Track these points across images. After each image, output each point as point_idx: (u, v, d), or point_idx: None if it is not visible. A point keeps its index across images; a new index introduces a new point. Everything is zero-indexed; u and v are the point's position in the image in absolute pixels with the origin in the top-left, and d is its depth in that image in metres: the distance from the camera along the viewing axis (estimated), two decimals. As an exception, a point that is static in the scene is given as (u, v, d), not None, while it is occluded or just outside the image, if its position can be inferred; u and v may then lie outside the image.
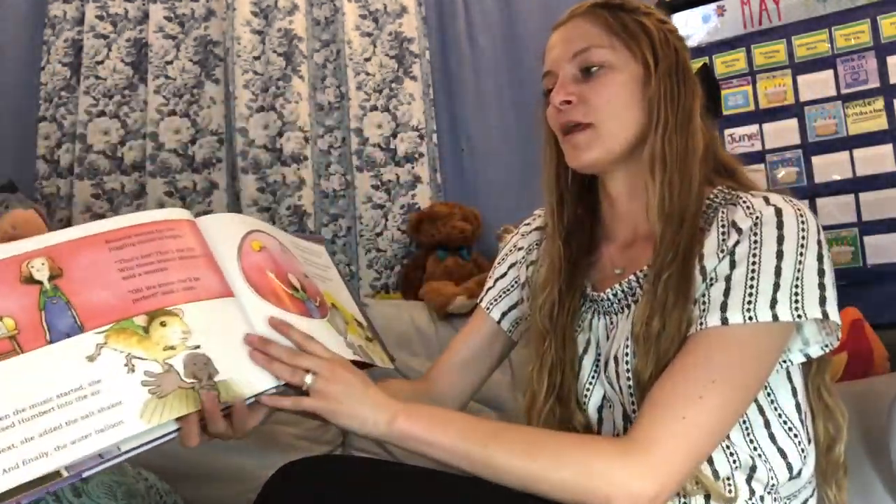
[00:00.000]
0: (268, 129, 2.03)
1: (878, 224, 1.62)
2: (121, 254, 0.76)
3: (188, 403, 0.71)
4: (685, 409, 0.72)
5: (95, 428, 0.67)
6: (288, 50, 2.04)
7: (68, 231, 0.77)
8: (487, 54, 2.06)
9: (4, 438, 0.64)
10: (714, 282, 0.78)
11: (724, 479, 0.80)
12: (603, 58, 0.88)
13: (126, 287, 0.74)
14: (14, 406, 0.65)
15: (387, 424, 0.77)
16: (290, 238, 0.95)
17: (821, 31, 1.70)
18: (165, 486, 1.36)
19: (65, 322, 0.71)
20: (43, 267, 0.73)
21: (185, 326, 0.74)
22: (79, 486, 1.15)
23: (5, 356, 0.67)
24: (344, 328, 0.89)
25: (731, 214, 0.81)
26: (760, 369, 0.77)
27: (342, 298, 0.96)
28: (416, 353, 1.58)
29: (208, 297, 0.78)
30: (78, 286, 0.73)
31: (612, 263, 0.92)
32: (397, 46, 2.08)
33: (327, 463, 0.82)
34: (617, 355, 0.84)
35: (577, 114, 0.87)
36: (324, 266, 0.98)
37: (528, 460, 0.73)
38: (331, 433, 1.56)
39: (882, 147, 1.63)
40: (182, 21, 2.09)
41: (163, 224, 0.80)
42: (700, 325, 0.76)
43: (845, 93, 1.67)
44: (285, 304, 0.83)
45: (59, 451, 0.65)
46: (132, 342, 0.72)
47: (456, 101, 2.09)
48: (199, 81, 2.08)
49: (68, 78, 2.06)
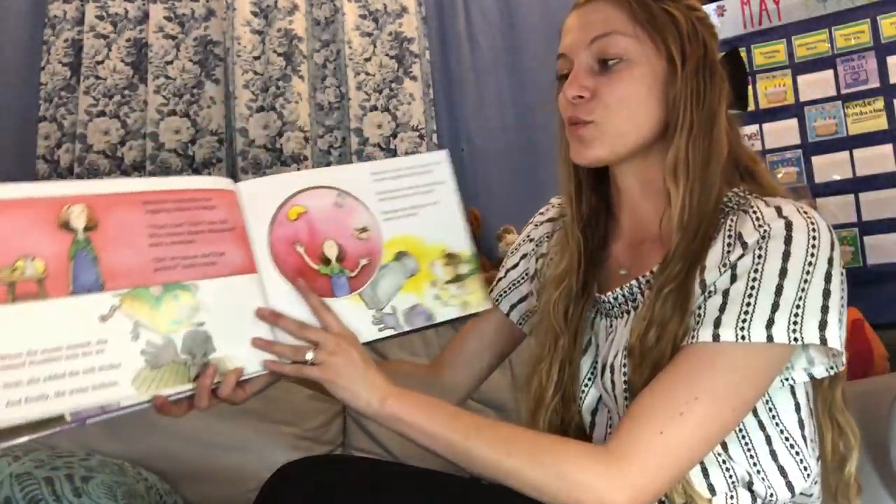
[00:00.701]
0: (268, 129, 2.03)
1: (878, 224, 1.62)
2: (155, 218, 0.78)
3: (178, 378, 0.74)
4: (663, 425, 0.70)
5: (93, 384, 0.70)
6: (288, 50, 2.04)
7: (110, 183, 0.79)
8: (487, 54, 2.06)
9: (13, 374, 0.67)
10: (712, 294, 0.75)
11: (726, 495, 0.78)
12: (623, 48, 0.81)
13: (151, 254, 0.76)
14: (27, 347, 0.68)
15: (378, 404, 0.78)
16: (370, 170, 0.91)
17: (821, 31, 1.70)
18: (165, 486, 1.36)
19: (89, 277, 0.73)
20: (81, 215, 0.74)
21: (194, 302, 0.77)
22: (79, 486, 1.15)
23: (29, 298, 0.69)
24: (397, 285, 0.87)
25: (739, 225, 0.76)
26: (749, 390, 0.74)
27: (430, 231, 0.91)
28: (417, 353, 1.58)
29: (228, 274, 0.80)
30: (108, 243, 0.74)
31: (618, 263, 0.89)
32: (397, 46, 2.08)
33: (327, 463, 0.82)
34: (614, 364, 0.82)
35: (584, 110, 0.82)
36: (425, 188, 0.93)
37: (504, 456, 0.74)
38: (331, 433, 1.57)
39: (882, 147, 1.63)
40: (182, 21, 2.09)
41: (200, 193, 0.81)
42: (691, 339, 0.74)
43: (845, 93, 1.67)
44: (305, 282, 0.84)
45: (57, 398, 0.68)
46: (143, 310, 0.74)
47: (456, 101, 2.09)
48: (199, 81, 2.08)
49: (68, 78, 2.06)
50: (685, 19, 0.82)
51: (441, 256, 0.91)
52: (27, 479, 1.12)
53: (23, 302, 0.69)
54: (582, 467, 0.71)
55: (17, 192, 0.72)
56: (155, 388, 0.73)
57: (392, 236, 0.89)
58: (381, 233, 0.88)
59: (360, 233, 0.88)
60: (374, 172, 0.91)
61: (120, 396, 0.71)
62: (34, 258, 0.71)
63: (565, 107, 0.85)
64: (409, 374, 1.02)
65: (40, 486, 1.12)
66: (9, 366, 0.67)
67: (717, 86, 0.82)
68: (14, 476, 1.12)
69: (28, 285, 0.70)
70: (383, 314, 0.86)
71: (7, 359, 0.67)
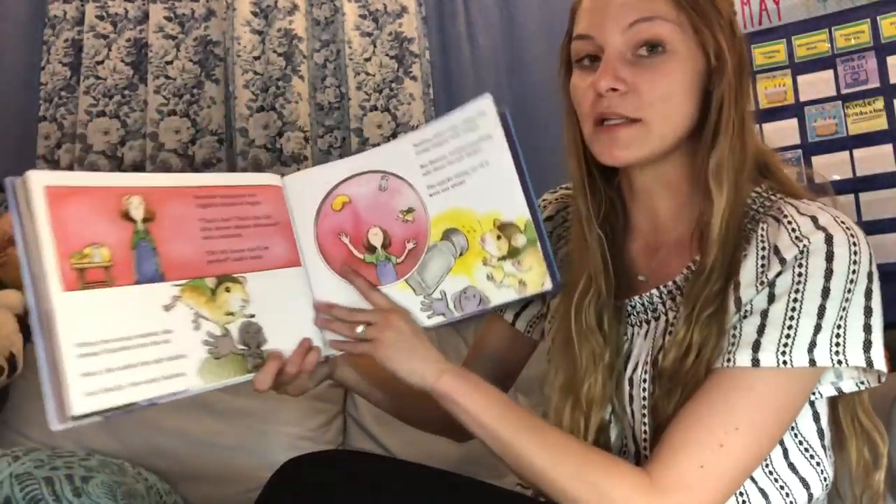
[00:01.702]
0: (268, 129, 2.03)
1: (878, 224, 1.61)
2: (205, 213, 0.79)
3: (238, 369, 0.76)
4: (704, 458, 0.68)
5: (163, 374, 0.71)
6: (288, 50, 2.04)
7: (164, 176, 0.81)
8: (487, 54, 2.05)
9: (90, 363, 0.67)
10: (748, 314, 0.70)
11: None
12: (668, 36, 0.73)
13: (204, 247, 0.78)
14: (102, 335, 0.68)
15: (433, 378, 0.78)
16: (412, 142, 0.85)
17: (821, 31, 1.70)
18: (165, 486, 1.36)
19: (150, 267, 0.74)
20: (140, 206, 0.75)
21: (245, 295, 0.79)
22: (79, 486, 1.15)
23: (98, 286, 0.70)
24: (446, 267, 0.83)
25: (773, 235, 0.71)
26: (787, 415, 0.71)
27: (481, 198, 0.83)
28: (417, 353, 1.58)
29: (273, 267, 0.82)
30: (165, 234, 0.76)
31: (636, 267, 0.84)
32: (397, 46, 2.08)
33: (331, 458, 0.82)
34: (633, 378, 0.78)
35: (627, 106, 0.74)
36: (471, 148, 0.83)
37: (550, 464, 0.72)
38: (331, 433, 1.57)
39: (882, 147, 1.62)
40: (182, 21, 2.09)
41: (246, 189, 0.83)
42: (727, 362, 0.69)
43: (845, 93, 1.67)
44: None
45: (132, 388, 0.69)
46: (201, 301, 0.76)
47: (456, 101, 2.08)
48: (199, 81, 2.08)
49: (68, 78, 2.06)
50: (728, 14, 0.76)
51: (493, 227, 0.82)
52: (27, 479, 1.13)
53: (92, 289, 0.69)
54: (626, 496, 0.69)
55: (79, 179, 0.73)
56: (218, 379, 0.75)
57: (439, 212, 0.83)
58: (427, 211, 0.84)
59: (406, 214, 0.85)
60: (417, 143, 0.85)
61: (188, 386, 0.73)
62: (101, 245, 0.71)
63: (592, 101, 0.76)
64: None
65: (40, 486, 1.12)
66: (86, 354, 0.67)
67: (748, 84, 0.77)
68: (14, 476, 1.12)
69: (96, 272, 0.70)
70: (432, 300, 0.84)
71: (84, 346, 0.67)
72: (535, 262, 0.81)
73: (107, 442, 1.44)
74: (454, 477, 0.79)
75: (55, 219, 0.68)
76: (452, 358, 1.59)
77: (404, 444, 1.49)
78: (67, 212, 0.70)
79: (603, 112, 0.75)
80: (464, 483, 0.79)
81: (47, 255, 0.67)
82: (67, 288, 0.67)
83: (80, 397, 0.65)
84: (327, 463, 0.78)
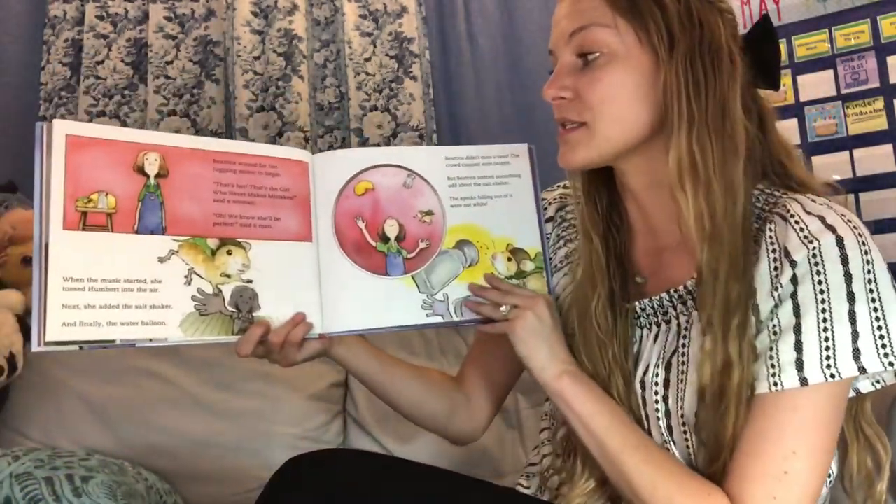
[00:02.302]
0: (268, 129, 2.03)
1: (878, 224, 1.61)
2: (221, 177, 0.83)
3: (223, 329, 0.79)
4: (774, 489, 0.68)
5: (143, 319, 0.75)
6: (288, 50, 2.04)
7: (187, 138, 0.84)
8: (487, 54, 2.05)
9: (71, 297, 0.72)
10: (778, 332, 0.70)
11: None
12: (602, 41, 0.74)
13: (213, 209, 0.81)
14: (88, 274, 0.74)
15: (551, 376, 0.79)
16: (445, 154, 0.90)
17: (821, 31, 1.70)
18: (165, 486, 1.36)
19: (153, 220, 0.78)
20: (155, 163, 0.80)
21: (246, 260, 0.82)
22: (79, 485, 1.15)
23: (97, 229, 0.75)
24: (453, 273, 0.87)
25: (781, 236, 0.71)
26: (836, 424, 0.71)
27: (498, 223, 0.89)
28: (416, 352, 1.58)
29: (281, 239, 0.84)
30: (175, 192, 0.80)
31: (637, 269, 0.84)
32: (397, 46, 2.08)
33: (332, 457, 0.82)
34: (644, 380, 0.78)
35: (572, 111, 0.77)
36: (499, 179, 0.91)
37: (648, 484, 0.73)
38: (331, 433, 1.56)
39: (882, 147, 1.62)
40: (182, 21, 2.09)
41: (268, 160, 0.86)
42: (774, 386, 0.69)
43: (845, 93, 1.67)
44: (361, 258, 0.86)
45: (109, 327, 0.73)
46: (198, 259, 0.79)
47: (456, 101, 2.08)
48: (199, 81, 2.08)
49: (68, 78, 2.06)
50: (673, 1, 0.74)
51: (505, 250, 0.89)
52: (27, 479, 1.12)
53: (91, 231, 0.75)
54: None
55: (102, 132, 0.78)
56: (199, 334, 0.77)
57: (456, 223, 0.89)
58: (445, 218, 0.88)
59: (424, 215, 0.88)
60: (449, 157, 0.91)
61: (167, 335, 0.76)
62: (107, 194, 0.76)
63: (553, 107, 0.81)
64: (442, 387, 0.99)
65: (40, 486, 1.12)
66: (69, 288, 0.72)
67: (725, 71, 0.73)
68: (14, 476, 1.12)
69: (98, 217, 0.76)
70: (434, 300, 0.86)
71: (69, 281, 0.72)
72: (539, 287, 0.88)
73: (107, 442, 1.44)
74: (455, 476, 0.79)
75: (70, 164, 0.75)
76: (452, 358, 1.59)
77: (404, 445, 1.49)
78: (82, 159, 0.75)
79: (558, 119, 0.80)
80: (465, 482, 0.79)
81: (55, 195, 0.73)
82: (67, 227, 0.73)
83: (57, 325, 0.70)
84: (328, 462, 0.78)
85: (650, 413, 0.78)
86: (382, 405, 1.46)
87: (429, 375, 0.99)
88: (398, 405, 0.97)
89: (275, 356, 0.83)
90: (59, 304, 0.71)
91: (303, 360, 0.85)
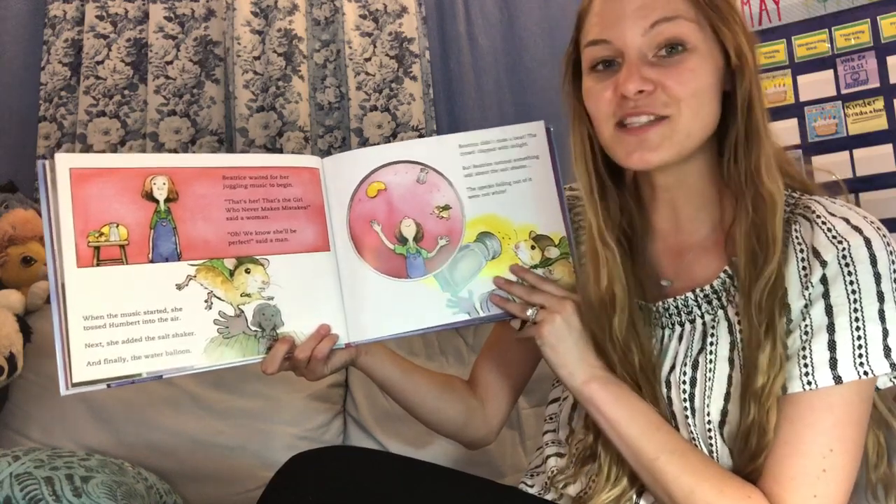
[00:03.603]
0: (268, 129, 2.03)
1: (878, 224, 1.61)
2: (232, 193, 0.81)
3: (248, 349, 0.77)
4: (814, 488, 0.69)
5: (167, 350, 0.74)
6: (288, 50, 2.04)
7: (192, 157, 0.85)
8: (487, 54, 2.05)
9: (93, 335, 0.71)
10: (810, 333, 0.71)
11: None
12: (689, 34, 0.73)
13: (227, 228, 0.80)
14: (108, 310, 0.73)
15: (580, 381, 0.78)
16: (458, 142, 0.86)
17: (821, 31, 1.70)
18: (165, 486, 1.36)
19: (167, 247, 0.77)
20: (164, 187, 0.78)
21: (266, 277, 0.80)
22: (79, 486, 1.14)
23: (112, 263, 0.74)
24: (476, 268, 0.84)
25: (809, 237, 0.72)
26: (865, 418, 0.72)
27: (519, 210, 0.86)
28: (416, 352, 1.58)
29: (299, 251, 0.83)
30: (187, 214, 0.78)
31: (658, 270, 0.83)
32: (397, 46, 2.08)
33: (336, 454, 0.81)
34: (670, 379, 0.78)
35: (656, 104, 0.73)
36: (517, 163, 0.87)
37: (686, 491, 0.72)
38: (331, 433, 1.56)
39: (882, 147, 1.63)
40: (182, 21, 2.09)
41: (277, 170, 0.84)
42: (808, 385, 0.70)
43: (845, 93, 1.67)
44: (380, 262, 0.84)
45: (134, 361, 0.72)
46: (217, 282, 0.78)
47: (456, 101, 2.08)
48: (199, 81, 2.08)
49: (68, 78, 2.06)
50: (740, 10, 0.76)
51: (528, 238, 0.86)
52: (27, 479, 1.12)
53: (105, 266, 0.74)
54: None
55: (105, 161, 0.76)
56: (225, 358, 0.76)
57: (476, 215, 0.86)
58: (463, 211, 0.86)
59: (441, 211, 0.86)
60: (463, 145, 0.87)
61: (192, 363, 0.75)
62: (118, 225, 0.75)
63: (609, 102, 0.76)
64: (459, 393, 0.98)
65: (40, 486, 1.12)
66: (91, 327, 0.71)
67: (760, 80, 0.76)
68: (14, 476, 1.12)
69: (111, 250, 0.74)
70: (459, 298, 0.84)
71: (89, 319, 0.71)
72: (566, 274, 0.85)
73: (107, 442, 1.44)
74: (458, 474, 0.79)
75: (76, 198, 0.73)
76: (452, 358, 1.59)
77: (404, 445, 1.49)
78: (89, 192, 0.74)
79: (629, 112, 0.74)
80: (468, 480, 0.78)
81: (66, 233, 0.72)
82: (81, 265, 0.72)
83: (82, 366, 0.70)
84: (331, 459, 0.78)
85: (677, 412, 0.77)
86: (382, 405, 1.47)
87: (446, 381, 0.99)
88: (417, 411, 0.96)
89: (301, 370, 0.82)
90: (81, 343, 0.70)
91: (330, 373, 0.85)
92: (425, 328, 0.84)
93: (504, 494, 0.80)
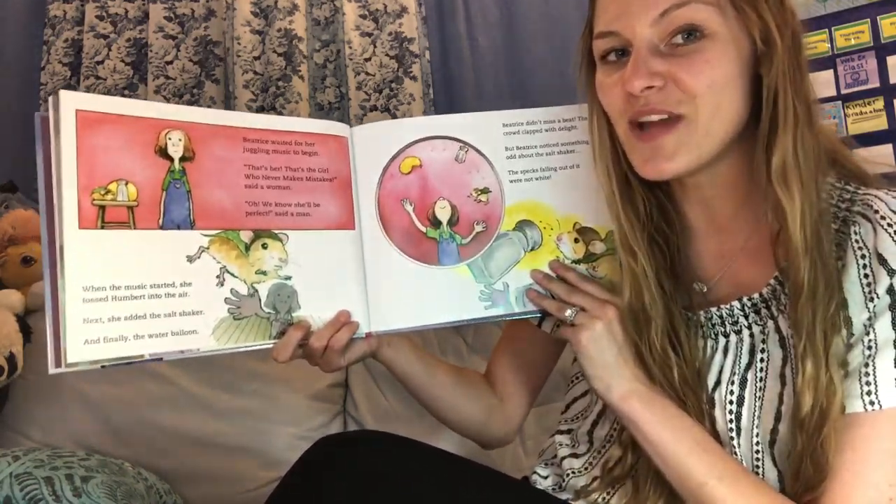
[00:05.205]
0: (268, 129, 2.03)
1: (878, 224, 1.61)
2: (252, 158, 0.72)
3: (259, 333, 0.69)
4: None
5: (173, 329, 0.65)
6: (288, 50, 2.04)
7: (212, 112, 0.73)
8: (487, 54, 2.05)
9: (93, 309, 0.62)
10: (874, 348, 0.63)
11: None
12: (706, 18, 0.64)
13: (245, 197, 0.71)
14: (112, 281, 0.63)
15: (618, 397, 0.71)
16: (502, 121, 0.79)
17: (821, 31, 1.70)
18: (165, 486, 1.36)
19: (180, 212, 0.68)
20: (179, 143, 0.69)
21: (283, 254, 0.72)
22: (79, 485, 1.14)
23: (118, 226, 0.64)
24: (514, 259, 0.77)
25: (871, 240, 0.64)
26: None
27: (564, 199, 0.79)
28: (417, 353, 1.58)
29: (322, 227, 0.74)
30: (203, 177, 0.69)
31: (699, 274, 0.76)
32: (397, 46, 2.08)
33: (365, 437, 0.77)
34: (714, 397, 0.71)
35: (668, 101, 0.66)
36: (565, 147, 0.79)
37: None
38: (331, 433, 1.56)
39: (882, 147, 1.62)
40: (182, 21, 2.09)
41: (303, 136, 0.75)
42: (871, 405, 0.62)
43: (845, 93, 1.67)
44: (410, 246, 0.76)
45: (136, 341, 0.63)
46: (231, 256, 0.70)
47: (456, 101, 2.08)
48: (199, 81, 2.08)
49: (68, 78, 2.06)
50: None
51: (571, 230, 0.78)
52: (27, 479, 1.12)
53: (111, 230, 0.64)
54: None
55: (117, 106, 0.66)
56: (235, 341, 0.68)
57: (516, 201, 0.78)
58: (503, 196, 0.78)
59: (480, 194, 0.78)
60: (507, 124, 0.80)
61: (199, 345, 0.67)
62: (128, 182, 0.65)
63: (621, 98, 0.69)
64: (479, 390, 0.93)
65: (40, 486, 1.12)
66: (91, 299, 0.62)
67: (806, 63, 0.67)
68: (14, 476, 1.12)
69: (118, 211, 0.65)
70: (493, 290, 0.77)
71: (91, 291, 0.62)
72: (612, 271, 0.77)
73: (107, 442, 1.44)
74: (473, 464, 0.76)
75: (82, 147, 0.63)
76: (452, 358, 1.59)
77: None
78: (96, 140, 0.64)
79: (640, 110, 0.67)
80: (497, 476, 0.76)
81: (68, 187, 0.61)
82: (84, 225, 0.62)
83: (79, 344, 0.61)
84: (359, 443, 0.73)
85: (721, 431, 0.71)
86: (382, 405, 1.47)
87: (467, 377, 0.93)
88: (435, 408, 0.91)
89: (316, 360, 0.76)
90: (79, 318, 0.61)
91: (348, 364, 0.78)
92: (454, 321, 0.76)
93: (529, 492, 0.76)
